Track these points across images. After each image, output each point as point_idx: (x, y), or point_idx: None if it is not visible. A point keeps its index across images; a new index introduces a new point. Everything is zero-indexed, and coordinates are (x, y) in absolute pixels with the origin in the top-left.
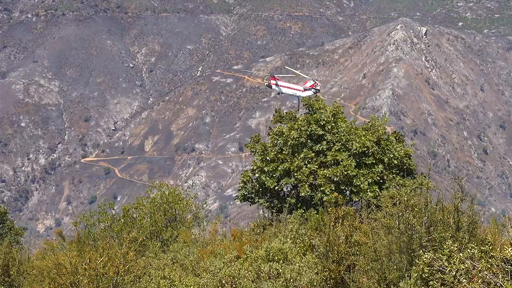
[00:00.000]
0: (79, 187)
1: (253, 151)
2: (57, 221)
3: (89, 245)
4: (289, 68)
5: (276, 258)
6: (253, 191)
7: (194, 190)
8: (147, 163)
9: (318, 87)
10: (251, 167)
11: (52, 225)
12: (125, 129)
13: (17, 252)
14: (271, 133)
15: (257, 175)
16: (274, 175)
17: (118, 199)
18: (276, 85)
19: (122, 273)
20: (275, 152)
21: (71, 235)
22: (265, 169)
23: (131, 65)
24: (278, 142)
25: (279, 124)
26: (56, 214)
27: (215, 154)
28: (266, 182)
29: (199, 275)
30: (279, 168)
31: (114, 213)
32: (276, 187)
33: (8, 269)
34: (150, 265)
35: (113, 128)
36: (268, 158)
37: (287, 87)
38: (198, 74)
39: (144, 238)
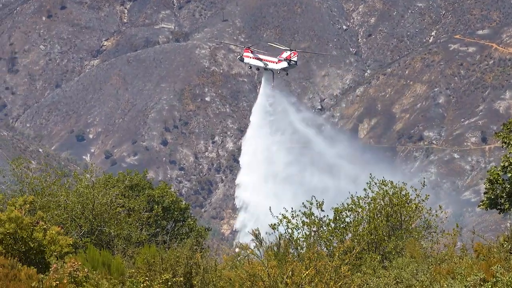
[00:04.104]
0: None
1: (505, 142)
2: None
3: (291, 254)
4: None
5: None
6: (503, 195)
7: (422, 190)
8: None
9: (295, 58)
10: (502, 164)
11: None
12: (334, 108)
13: (202, 257)
14: None
15: (509, 174)
16: None
17: None
18: (248, 57)
19: None
20: None
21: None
22: None
23: (344, 27)
24: None
25: None
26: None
27: (450, 145)
28: None
29: None
30: None
31: (322, 215)
32: None
33: (191, 277)
34: (367, 283)
35: (319, 107)
36: None
37: (256, 58)
38: (430, 41)
39: (361, 249)
